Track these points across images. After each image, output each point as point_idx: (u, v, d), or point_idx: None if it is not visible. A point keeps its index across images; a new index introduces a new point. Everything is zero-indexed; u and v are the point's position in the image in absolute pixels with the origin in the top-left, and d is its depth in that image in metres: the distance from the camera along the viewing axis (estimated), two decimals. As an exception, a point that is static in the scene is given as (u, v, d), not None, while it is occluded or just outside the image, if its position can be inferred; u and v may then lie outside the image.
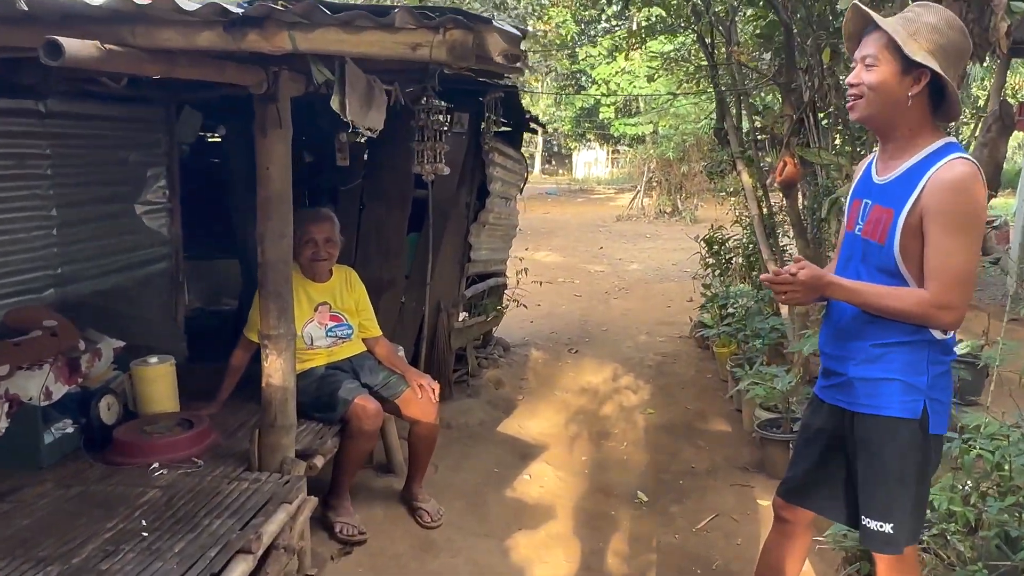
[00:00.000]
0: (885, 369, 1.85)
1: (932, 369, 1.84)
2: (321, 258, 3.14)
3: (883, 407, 1.86)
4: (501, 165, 4.90)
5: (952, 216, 1.73)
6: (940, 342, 1.85)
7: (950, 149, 1.78)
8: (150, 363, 2.93)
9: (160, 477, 2.48)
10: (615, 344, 6.20)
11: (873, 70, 1.80)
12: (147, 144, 3.97)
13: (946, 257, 1.73)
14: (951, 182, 1.72)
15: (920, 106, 1.79)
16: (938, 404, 1.85)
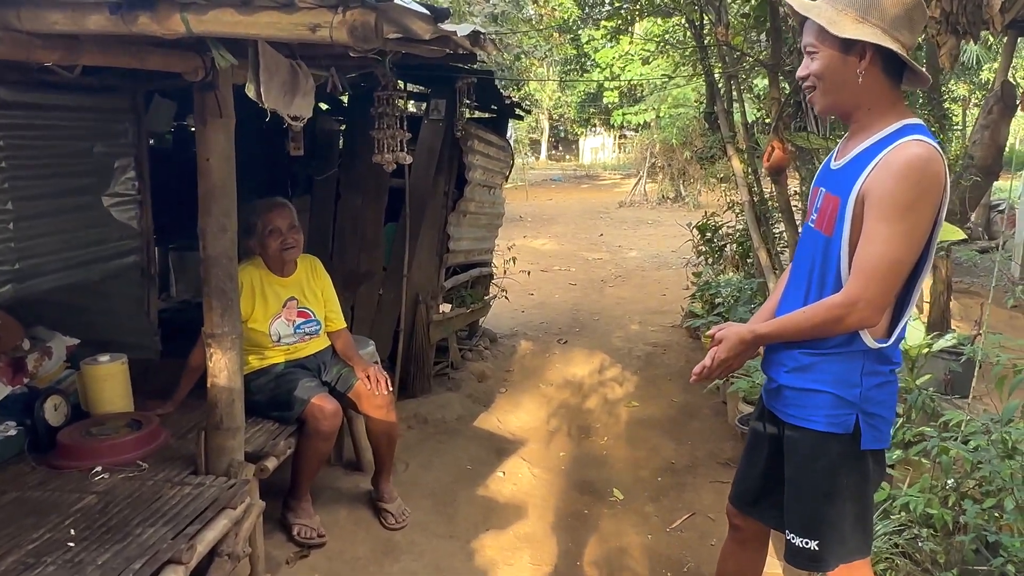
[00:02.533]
0: (815, 379, 1.72)
1: (867, 380, 1.69)
2: (289, 246, 3.03)
3: (810, 420, 1.74)
4: (481, 152, 4.76)
5: (890, 202, 1.56)
6: (875, 351, 1.69)
7: (908, 131, 1.61)
8: (100, 361, 2.82)
9: (100, 482, 2.38)
10: (605, 334, 6.08)
11: (815, 58, 1.67)
12: (113, 134, 3.85)
13: (876, 246, 1.57)
14: (897, 165, 1.56)
15: (875, 83, 1.64)
16: (875, 418, 1.71)
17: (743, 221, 5.89)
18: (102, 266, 3.77)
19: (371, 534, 3.00)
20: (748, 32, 5.69)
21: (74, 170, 3.58)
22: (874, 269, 1.58)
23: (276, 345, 3.03)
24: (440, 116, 4.31)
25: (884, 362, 1.71)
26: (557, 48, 15.30)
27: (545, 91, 23.06)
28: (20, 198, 3.24)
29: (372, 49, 1.49)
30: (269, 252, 3.01)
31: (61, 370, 2.95)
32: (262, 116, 3.10)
